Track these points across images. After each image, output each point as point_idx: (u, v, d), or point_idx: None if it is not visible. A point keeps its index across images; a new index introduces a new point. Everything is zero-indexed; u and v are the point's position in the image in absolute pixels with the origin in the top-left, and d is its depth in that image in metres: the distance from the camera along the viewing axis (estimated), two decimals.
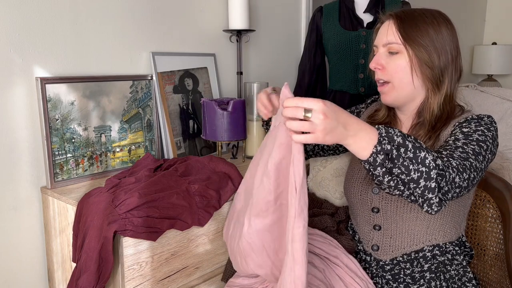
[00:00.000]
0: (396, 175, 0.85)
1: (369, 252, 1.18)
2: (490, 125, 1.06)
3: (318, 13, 1.98)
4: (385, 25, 1.14)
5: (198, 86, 1.80)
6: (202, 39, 1.84)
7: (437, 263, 1.11)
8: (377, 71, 1.13)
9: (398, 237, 1.13)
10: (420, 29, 1.08)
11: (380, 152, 0.83)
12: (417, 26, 1.08)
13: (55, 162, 1.38)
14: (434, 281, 1.10)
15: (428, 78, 1.09)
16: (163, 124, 1.65)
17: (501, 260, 1.22)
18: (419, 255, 1.12)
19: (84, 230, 1.14)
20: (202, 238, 1.31)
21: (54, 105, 1.37)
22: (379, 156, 0.83)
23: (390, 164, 0.84)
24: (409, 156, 0.84)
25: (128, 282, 1.15)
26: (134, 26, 1.60)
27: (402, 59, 1.09)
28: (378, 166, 0.84)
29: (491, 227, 1.26)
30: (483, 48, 3.76)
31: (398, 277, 1.13)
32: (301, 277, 0.83)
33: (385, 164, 0.84)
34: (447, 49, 1.09)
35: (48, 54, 1.39)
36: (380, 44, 1.13)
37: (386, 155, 0.83)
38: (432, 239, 1.11)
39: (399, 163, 0.84)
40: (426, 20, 1.09)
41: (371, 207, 1.16)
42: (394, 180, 0.86)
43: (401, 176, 0.85)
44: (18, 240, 1.38)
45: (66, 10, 1.41)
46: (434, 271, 1.10)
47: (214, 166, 1.42)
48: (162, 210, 1.17)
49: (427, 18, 1.10)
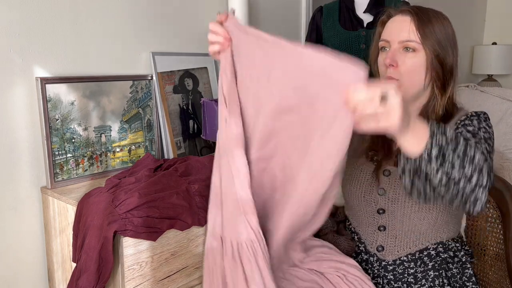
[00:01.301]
0: (447, 172, 0.82)
1: (373, 252, 1.17)
2: (488, 121, 1.07)
3: (318, 13, 1.98)
4: (401, 21, 1.09)
5: (198, 86, 1.80)
6: (202, 39, 1.84)
7: (440, 260, 1.11)
8: (390, 68, 1.10)
9: (404, 237, 1.12)
10: (435, 28, 1.07)
11: (434, 146, 0.80)
12: (432, 25, 1.07)
13: (55, 162, 1.38)
14: (437, 279, 1.10)
15: (439, 78, 1.08)
16: (163, 124, 1.65)
17: (501, 260, 1.22)
18: (423, 253, 1.12)
19: (84, 230, 1.15)
20: (202, 238, 1.31)
21: (54, 105, 1.37)
22: (433, 151, 0.80)
23: (441, 159, 0.81)
24: (462, 150, 0.82)
25: (128, 282, 1.15)
26: (134, 26, 1.60)
27: (418, 58, 1.06)
28: (433, 160, 0.81)
29: (491, 227, 1.26)
30: (483, 48, 3.76)
31: (402, 276, 1.13)
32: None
33: (438, 159, 0.81)
34: (454, 49, 1.09)
35: (48, 54, 1.39)
36: (396, 40, 1.08)
37: (439, 149, 0.80)
38: (437, 236, 1.11)
39: (454, 155, 0.81)
40: (438, 19, 1.08)
41: (376, 208, 1.15)
42: (445, 178, 0.83)
43: (452, 172, 0.82)
44: (18, 240, 1.38)
45: (66, 10, 1.41)
46: (437, 268, 1.11)
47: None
48: (162, 210, 1.17)
49: (437, 17, 1.09)
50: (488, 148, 0.97)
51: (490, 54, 3.69)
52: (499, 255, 1.23)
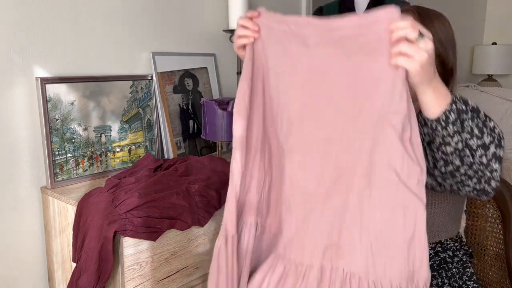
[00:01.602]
0: (465, 139, 0.84)
1: None
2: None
3: (318, 13, 1.98)
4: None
5: (198, 86, 1.80)
6: (202, 39, 1.84)
7: (439, 260, 1.11)
8: None
9: None
10: (436, 28, 1.07)
11: (455, 110, 0.82)
12: (434, 25, 1.08)
13: (55, 162, 1.38)
14: (436, 279, 1.10)
15: (440, 76, 1.09)
16: (163, 124, 1.65)
17: (501, 260, 1.22)
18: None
19: (84, 230, 1.15)
20: (202, 238, 1.31)
21: (54, 105, 1.37)
22: (452, 114, 0.82)
23: (460, 126, 0.83)
24: (482, 120, 0.84)
25: (128, 282, 1.15)
26: (134, 26, 1.60)
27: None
28: (450, 124, 0.83)
29: (491, 227, 1.26)
30: (483, 48, 3.76)
31: None
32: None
33: (456, 124, 0.83)
34: (453, 50, 1.10)
35: (48, 54, 1.39)
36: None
37: (459, 115, 0.82)
38: (436, 236, 1.11)
39: (473, 124, 0.83)
40: (439, 19, 1.09)
41: None
42: (462, 143, 0.84)
43: (470, 140, 0.84)
44: (18, 240, 1.38)
45: (66, 10, 1.41)
46: (436, 268, 1.11)
47: (214, 166, 1.42)
48: (162, 210, 1.17)
49: (438, 17, 1.09)
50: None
51: (490, 54, 3.69)
52: (499, 255, 1.23)
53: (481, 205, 1.28)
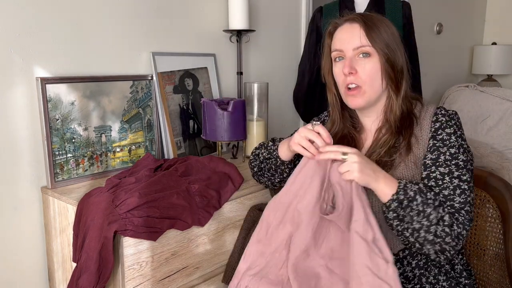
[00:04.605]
0: (406, 222, 1.00)
1: None
2: (460, 126, 1.12)
3: (318, 14, 1.98)
4: (350, 29, 1.12)
5: (198, 86, 1.80)
6: (202, 39, 1.84)
7: (425, 258, 1.11)
8: (350, 76, 1.12)
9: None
10: (381, 32, 1.12)
11: (395, 200, 1.00)
12: (379, 29, 1.12)
13: (56, 162, 1.38)
14: (426, 277, 1.10)
15: (392, 80, 1.13)
16: (163, 124, 1.65)
17: (501, 260, 1.22)
18: (405, 253, 1.11)
19: (84, 230, 1.15)
20: (202, 238, 1.31)
21: (54, 105, 1.37)
22: (393, 203, 1.00)
23: (402, 212, 1.00)
24: (417, 209, 0.99)
25: (128, 282, 1.15)
26: (134, 26, 1.60)
27: (373, 62, 1.10)
28: (391, 211, 1.00)
29: (491, 227, 1.26)
30: (483, 48, 3.76)
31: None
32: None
33: (397, 211, 1.00)
34: (402, 49, 1.13)
35: (49, 54, 1.39)
36: (350, 48, 1.11)
37: (399, 204, 1.00)
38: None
39: (408, 213, 0.99)
40: (382, 23, 1.13)
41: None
42: (402, 226, 1.01)
43: (407, 224, 1.00)
44: (18, 240, 1.38)
45: (66, 10, 1.41)
46: (424, 266, 1.10)
47: (214, 166, 1.42)
48: (162, 210, 1.17)
49: (382, 21, 1.13)
50: (468, 176, 1.06)
51: (490, 54, 3.68)
52: (499, 255, 1.23)
53: (481, 205, 1.28)
